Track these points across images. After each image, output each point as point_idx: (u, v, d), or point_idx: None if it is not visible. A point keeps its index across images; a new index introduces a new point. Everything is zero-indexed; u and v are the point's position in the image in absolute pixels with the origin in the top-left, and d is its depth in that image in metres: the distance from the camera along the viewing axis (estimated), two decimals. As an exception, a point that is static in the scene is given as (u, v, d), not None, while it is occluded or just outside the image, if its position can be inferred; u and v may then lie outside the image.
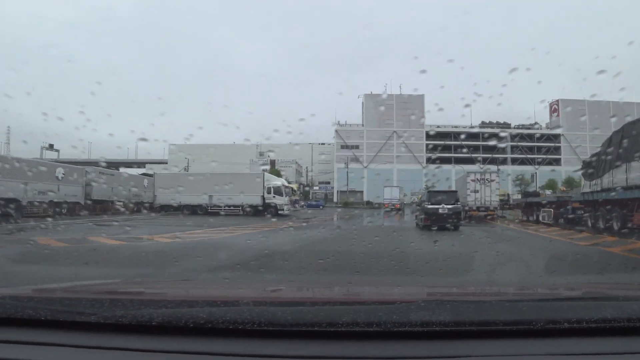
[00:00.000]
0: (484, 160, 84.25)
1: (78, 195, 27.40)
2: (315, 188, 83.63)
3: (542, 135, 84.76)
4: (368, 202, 65.09)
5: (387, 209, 43.79)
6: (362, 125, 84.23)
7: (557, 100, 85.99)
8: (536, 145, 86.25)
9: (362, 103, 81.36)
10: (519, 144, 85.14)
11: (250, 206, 30.70)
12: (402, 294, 2.20)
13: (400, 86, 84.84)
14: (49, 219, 21.45)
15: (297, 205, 47.50)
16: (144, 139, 27.25)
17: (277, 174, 75.34)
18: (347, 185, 70.56)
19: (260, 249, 9.48)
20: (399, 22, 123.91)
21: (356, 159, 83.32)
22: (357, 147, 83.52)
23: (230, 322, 1.22)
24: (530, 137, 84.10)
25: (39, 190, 22.98)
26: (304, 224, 21.69)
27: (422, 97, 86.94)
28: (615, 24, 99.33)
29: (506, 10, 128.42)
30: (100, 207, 28.30)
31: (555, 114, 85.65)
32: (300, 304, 1.47)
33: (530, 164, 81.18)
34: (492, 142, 75.30)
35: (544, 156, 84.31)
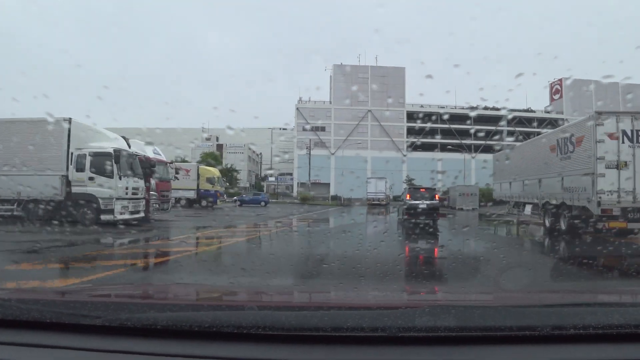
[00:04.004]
0: (476, 148, 70.08)
1: None
2: (270, 179, 64.09)
3: (542, 120, 72.16)
4: (335, 197, 52.27)
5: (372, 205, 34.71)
6: (330, 102, 63.61)
7: (560, 80, 67.58)
8: (536, 132, 67.34)
9: (330, 77, 61.70)
10: (516, 129, 65.88)
11: (40, 201, 13.22)
12: (407, 299, 2.15)
13: (376, 57, 65.49)
14: None
15: (214, 200, 30.27)
16: (150, 143, 20.06)
17: (217, 159, 54.74)
18: (309, 175, 55.97)
19: None
20: (406, 28, 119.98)
21: (322, 144, 62.94)
22: (322, 129, 63.14)
23: (235, 326, 1.23)
24: (529, 121, 66.08)
25: None
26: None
27: (402, 70, 66.58)
28: (623, 29, 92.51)
29: (514, 16, 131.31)
30: None
31: (558, 95, 67.68)
32: (305, 308, 1.50)
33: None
34: (485, 126, 60.74)
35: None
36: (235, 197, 40.77)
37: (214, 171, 33.02)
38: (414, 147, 68.31)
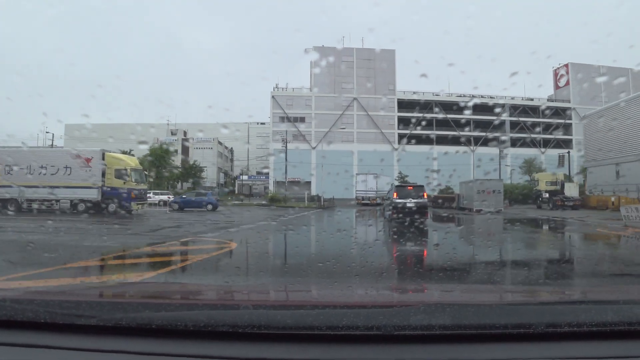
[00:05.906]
0: (476, 141, 60.83)
1: None
2: (243, 177, 55.46)
3: (547, 110, 65.65)
4: (314, 198, 44.15)
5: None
6: (310, 90, 54.44)
7: (566, 65, 59.33)
8: (541, 122, 60.59)
9: (311, 62, 54.25)
10: (520, 119, 63.82)
11: None
12: (402, 297, 2.13)
13: (362, 39, 57.47)
14: None
15: (127, 202, 21.15)
16: (144, 142, 22.44)
17: (167, 152, 45.59)
18: (286, 171, 47.05)
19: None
20: (402, 26, 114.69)
21: (301, 137, 53.16)
22: (302, 119, 53.98)
23: (230, 325, 1.25)
24: (534, 111, 57.96)
25: None
26: None
27: (392, 52, 57.88)
28: (616, 28, 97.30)
29: (509, 14, 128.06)
30: None
31: (563, 81, 59.80)
32: (300, 307, 1.48)
33: (536, 146, 62.89)
34: (484, 116, 54.22)
35: (550, 136, 64.59)
36: (173, 199, 31.42)
37: (128, 160, 23.31)
38: (408, 139, 59.90)
